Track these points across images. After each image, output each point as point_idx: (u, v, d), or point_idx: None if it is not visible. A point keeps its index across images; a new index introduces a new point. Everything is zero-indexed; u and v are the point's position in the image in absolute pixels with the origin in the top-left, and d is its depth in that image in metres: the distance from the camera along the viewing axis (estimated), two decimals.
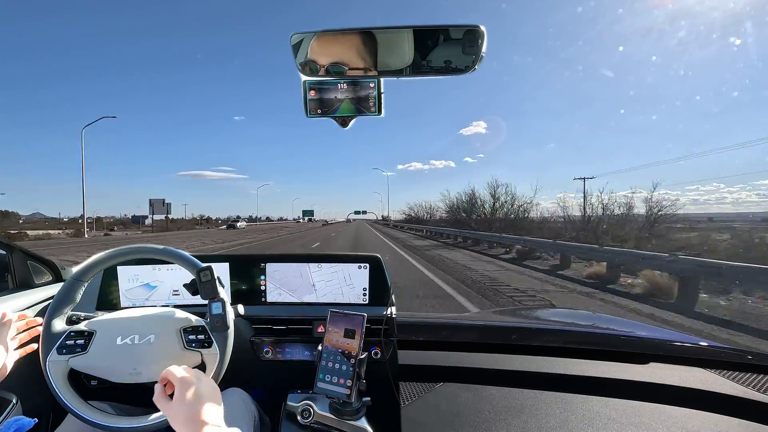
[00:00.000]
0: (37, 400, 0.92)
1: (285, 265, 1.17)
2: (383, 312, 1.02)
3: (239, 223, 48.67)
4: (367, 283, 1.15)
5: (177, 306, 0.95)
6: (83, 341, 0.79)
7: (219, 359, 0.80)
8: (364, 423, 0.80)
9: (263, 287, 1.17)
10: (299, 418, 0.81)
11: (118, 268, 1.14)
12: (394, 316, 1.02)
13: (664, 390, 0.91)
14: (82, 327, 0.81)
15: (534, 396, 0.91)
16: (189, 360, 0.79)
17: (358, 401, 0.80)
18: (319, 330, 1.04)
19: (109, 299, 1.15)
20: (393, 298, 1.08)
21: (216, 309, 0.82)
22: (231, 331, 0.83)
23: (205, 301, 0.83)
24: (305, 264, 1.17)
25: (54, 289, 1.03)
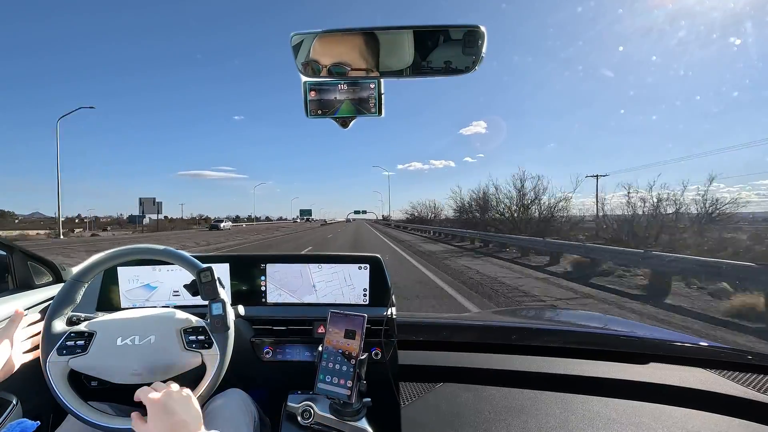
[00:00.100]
0: (37, 401, 0.92)
1: (285, 266, 1.17)
2: (383, 312, 1.02)
3: (223, 224, 43.37)
4: (368, 284, 1.15)
5: (177, 307, 0.95)
6: (83, 342, 0.79)
7: (219, 360, 0.80)
8: (364, 423, 0.79)
9: (263, 288, 1.17)
10: (299, 418, 0.81)
11: (118, 268, 1.14)
12: (394, 316, 1.02)
13: (664, 390, 0.91)
14: (82, 328, 0.81)
15: (534, 396, 0.91)
16: (189, 361, 0.79)
17: (358, 402, 0.80)
18: (320, 331, 1.04)
19: (110, 300, 1.14)
20: (393, 298, 1.08)
21: (216, 310, 0.82)
22: (231, 332, 0.83)
23: (206, 302, 0.83)
24: (305, 264, 1.17)
25: (54, 290, 1.03)
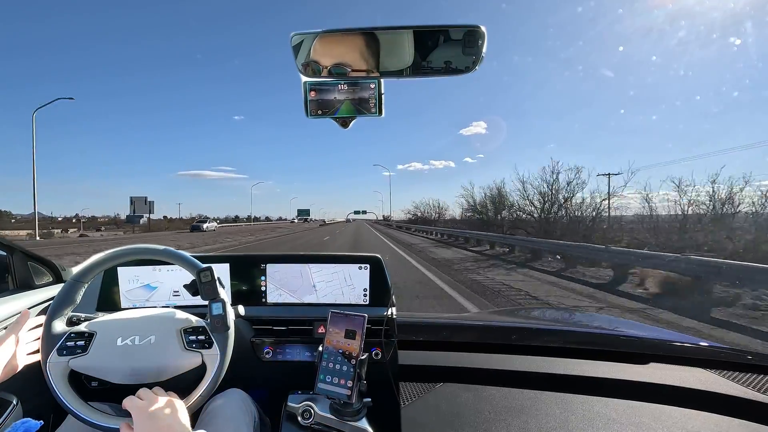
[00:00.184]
0: (38, 401, 0.92)
1: (285, 266, 1.17)
2: (384, 312, 1.02)
3: (206, 224, 38.31)
4: (368, 284, 1.15)
5: (177, 307, 0.95)
6: (83, 342, 0.79)
7: (219, 360, 0.80)
8: (364, 423, 0.79)
9: (263, 288, 1.17)
10: (300, 418, 0.81)
11: (118, 269, 1.14)
12: (394, 316, 1.02)
13: (663, 390, 0.91)
14: (82, 328, 0.81)
15: (534, 396, 0.91)
16: (189, 360, 0.79)
17: (358, 402, 0.80)
18: (320, 331, 1.04)
19: (110, 300, 1.14)
20: (393, 298, 1.08)
21: (216, 309, 0.82)
22: (231, 332, 0.83)
23: (206, 302, 0.83)
24: (306, 264, 1.17)
25: (54, 290, 1.03)
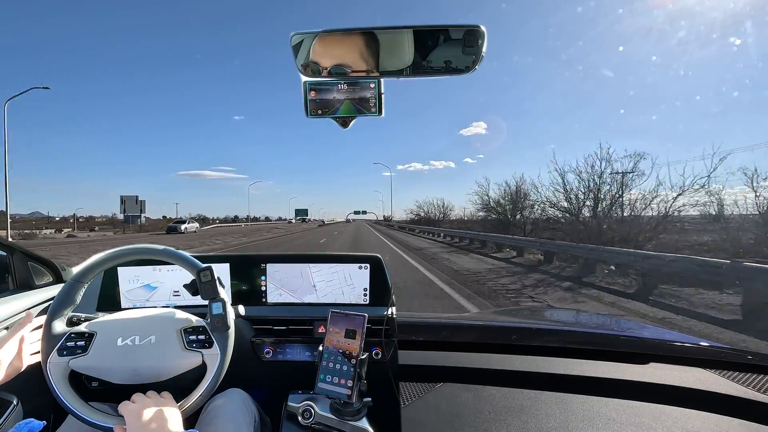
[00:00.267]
0: (38, 401, 0.92)
1: (285, 266, 1.17)
2: (384, 312, 1.02)
3: (184, 225, 33.98)
4: (368, 284, 1.15)
5: (177, 307, 0.95)
6: (84, 342, 0.79)
7: (220, 359, 0.80)
8: (365, 423, 0.80)
9: (264, 288, 1.17)
10: (300, 418, 0.81)
11: (118, 269, 1.14)
12: (394, 316, 1.02)
13: (663, 390, 0.91)
14: (82, 328, 0.81)
15: (534, 396, 0.91)
16: (190, 360, 0.79)
17: (359, 402, 0.80)
18: (320, 330, 1.04)
19: (110, 300, 1.14)
20: (393, 298, 1.08)
21: (216, 309, 0.82)
22: (232, 331, 0.83)
23: (206, 302, 0.83)
24: (306, 264, 1.17)
25: (54, 291, 1.03)
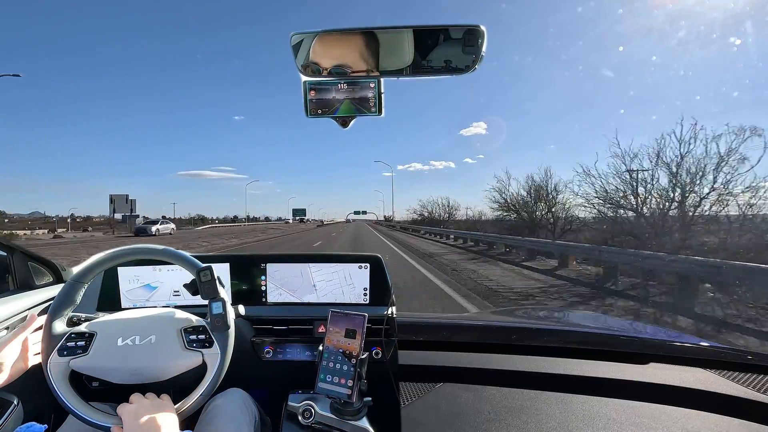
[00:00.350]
0: (38, 401, 0.92)
1: (285, 266, 1.17)
2: (384, 312, 1.02)
3: (156, 226, 28.31)
4: (368, 283, 1.15)
5: (178, 306, 0.95)
6: (84, 343, 0.79)
7: (220, 359, 0.80)
8: (365, 423, 0.80)
9: (264, 287, 1.17)
10: (300, 418, 0.81)
11: (118, 269, 1.14)
12: (394, 315, 1.02)
13: (663, 390, 0.91)
14: (82, 328, 0.81)
15: (534, 396, 0.91)
16: (190, 360, 0.79)
17: (359, 401, 0.80)
18: (320, 330, 1.04)
19: (110, 300, 1.14)
20: (393, 298, 1.08)
21: (216, 309, 0.82)
22: (232, 331, 0.83)
23: (206, 302, 0.83)
24: (306, 264, 1.17)
25: (55, 291, 1.03)
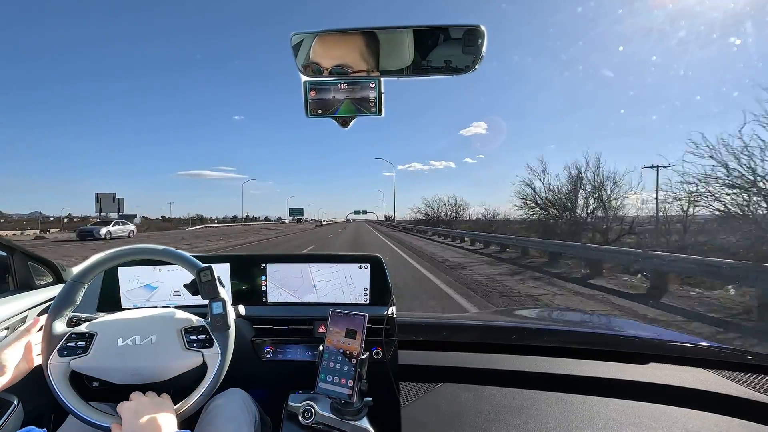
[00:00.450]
0: (38, 401, 0.92)
1: (286, 266, 1.17)
2: (384, 312, 1.03)
3: (105, 229, 23.14)
4: (368, 283, 1.15)
5: (178, 307, 0.95)
6: (84, 343, 0.79)
7: (220, 359, 0.80)
8: (365, 423, 0.80)
9: (264, 287, 1.17)
10: (300, 418, 0.81)
11: (118, 269, 1.14)
12: (394, 316, 1.02)
13: (663, 390, 0.91)
14: (82, 329, 0.81)
15: (534, 396, 0.91)
16: (190, 360, 0.79)
17: (359, 401, 0.80)
18: (321, 330, 1.04)
19: (110, 300, 1.14)
20: (393, 298, 1.08)
21: (217, 309, 0.82)
22: (232, 331, 0.83)
23: (206, 302, 0.83)
24: (306, 264, 1.17)
25: (55, 291, 1.03)
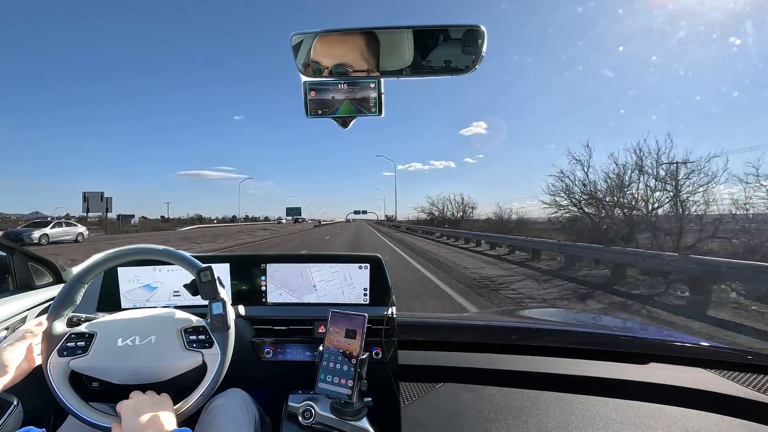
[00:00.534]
0: (38, 401, 0.92)
1: (285, 266, 1.17)
2: (384, 312, 1.02)
3: (40, 232, 16.20)
4: (368, 283, 1.15)
5: (178, 307, 0.95)
6: (84, 343, 0.79)
7: (220, 359, 0.80)
8: (365, 423, 0.80)
9: (264, 288, 1.17)
10: (300, 418, 0.81)
11: (118, 269, 1.14)
12: (394, 316, 1.02)
13: (664, 390, 0.91)
14: (82, 329, 0.81)
15: (534, 396, 0.91)
16: (190, 360, 0.79)
17: (359, 401, 0.80)
18: (320, 330, 1.04)
19: (110, 300, 1.14)
20: (393, 298, 1.08)
21: (216, 309, 0.82)
22: (232, 331, 0.83)
23: (206, 302, 0.83)
24: (306, 264, 1.16)
25: (54, 291, 1.03)
